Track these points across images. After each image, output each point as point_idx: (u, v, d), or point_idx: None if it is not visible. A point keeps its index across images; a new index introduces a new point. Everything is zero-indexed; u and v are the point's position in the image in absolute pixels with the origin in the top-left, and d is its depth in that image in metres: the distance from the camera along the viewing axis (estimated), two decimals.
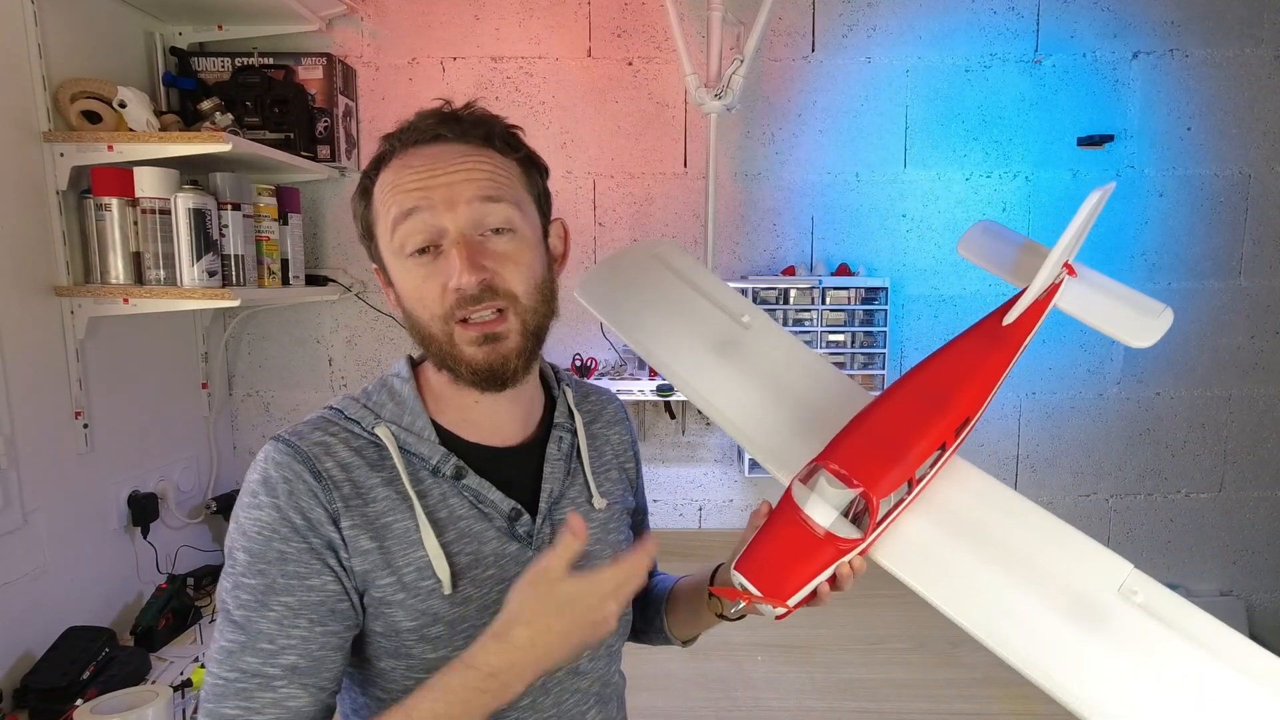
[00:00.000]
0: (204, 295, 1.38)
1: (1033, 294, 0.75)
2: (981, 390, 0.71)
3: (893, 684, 1.37)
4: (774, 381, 0.77)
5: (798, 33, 1.81)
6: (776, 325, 0.83)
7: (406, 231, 0.64)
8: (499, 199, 0.64)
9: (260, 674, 0.59)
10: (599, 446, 0.81)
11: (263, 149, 1.49)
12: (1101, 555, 0.62)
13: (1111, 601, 0.59)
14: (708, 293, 0.85)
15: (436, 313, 0.64)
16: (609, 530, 0.77)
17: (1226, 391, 1.91)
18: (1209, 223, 1.86)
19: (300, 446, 0.64)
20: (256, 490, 0.62)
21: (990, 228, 0.89)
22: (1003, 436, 1.92)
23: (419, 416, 0.69)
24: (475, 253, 0.63)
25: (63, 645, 1.28)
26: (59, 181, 1.34)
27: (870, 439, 0.65)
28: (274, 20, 1.69)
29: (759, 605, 0.62)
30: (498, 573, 0.67)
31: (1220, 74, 1.81)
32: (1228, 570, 1.96)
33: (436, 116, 0.67)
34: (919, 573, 0.63)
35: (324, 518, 0.62)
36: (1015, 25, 1.81)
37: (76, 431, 1.40)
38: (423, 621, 0.64)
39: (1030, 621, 0.59)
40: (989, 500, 0.67)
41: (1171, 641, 0.56)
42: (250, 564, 0.60)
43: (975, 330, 0.76)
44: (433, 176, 0.63)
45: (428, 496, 0.67)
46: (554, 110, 1.82)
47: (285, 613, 0.60)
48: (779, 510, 0.65)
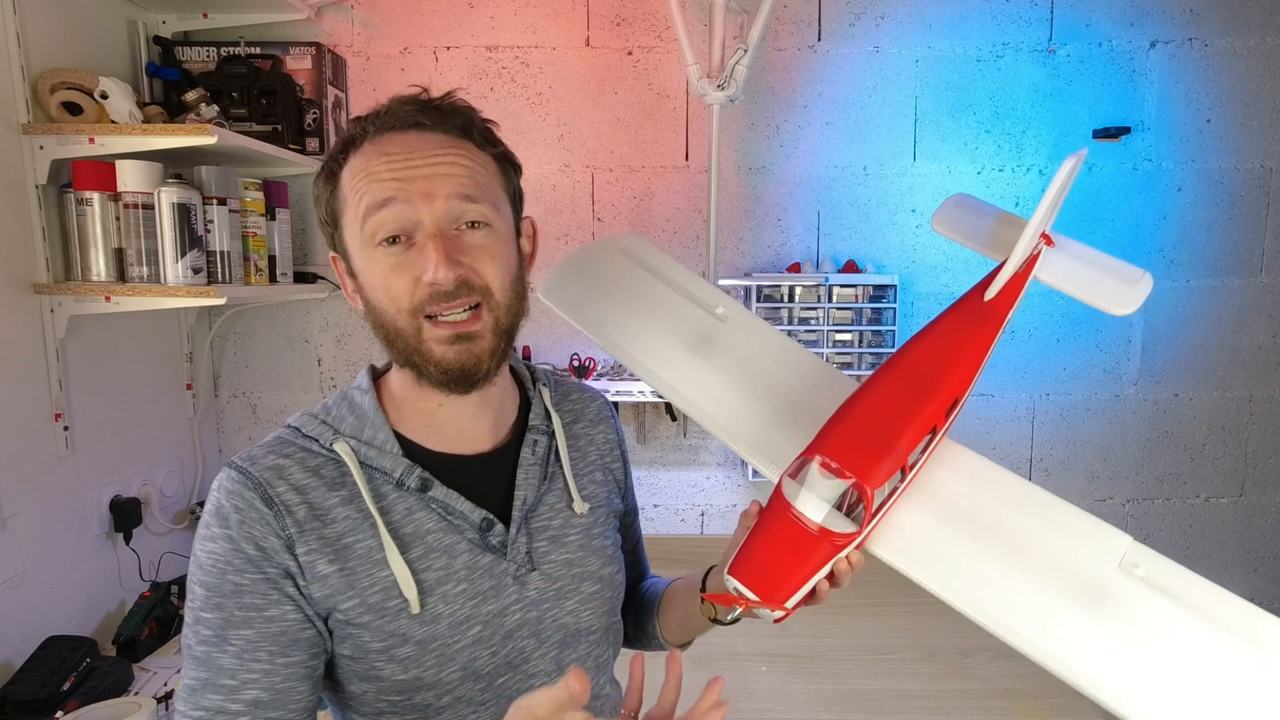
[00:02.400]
0: (188, 293, 1.35)
1: (1012, 266, 0.74)
2: (968, 370, 0.70)
3: (901, 695, 1.34)
4: (754, 373, 0.76)
5: (803, 21, 1.76)
6: (752, 314, 0.82)
7: (379, 221, 0.61)
8: (477, 198, 0.63)
9: (223, 711, 0.58)
10: (581, 448, 0.78)
11: (249, 142, 1.45)
12: (1100, 530, 0.62)
13: (1113, 577, 0.59)
14: (679, 286, 0.83)
15: (404, 307, 0.62)
16: (592, 536, 0.74)
17: (1248, 392, 1.86)
18: (1229, 218, 1.81)
19: (251, 473, 0.62)
20: (210, 521, 0.61)
21: (964, 201, 0.88)
22: (1016, 439, 1.87)
23: (380, 429, 0.66)
24: (451, 247, 0.61)
25: (42, 655, 1.25)
26: (38, 175, 1.31)
27: (859, 427, 0.64)
28: (261, 8, 1.65)
29: (756, 609, 0.60)
30: (469, 587, 0.65)
31: (1241, 64, 1.76)
32: (1249, 577, 1.92)
33: (414, 103, 0.64)
34: (918, 563, 0.62)
35: (278, 546, 0.60)
36: (1029, 13, 1.76)
37: (56, 434, 1.36)
38: (391, 643, 0.62)
39: (1034, 605, 0.58)
40: (983, 483, 0.66)
41: (1176, 613, 0.56)
42: (207, 598, 0.60)
43: (956, 308, 0.75)
44: (410, 167, 0.61)
45: (391, 512, 0.64)
46: (551, 101, 1.77)
47: (245, 646, 0.59)
48: (770, 509, 0.63)
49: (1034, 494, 0.65)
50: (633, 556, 0.88)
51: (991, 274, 0.76)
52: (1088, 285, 0.79)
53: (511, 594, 0.67)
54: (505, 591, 0.66)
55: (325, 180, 0.66)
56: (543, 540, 0.70)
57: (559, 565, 0.70)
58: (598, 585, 0.73)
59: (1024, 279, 0.77)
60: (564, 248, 1.82)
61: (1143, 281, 0.79)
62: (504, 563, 0.67)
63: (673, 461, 1.87)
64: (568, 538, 0.72)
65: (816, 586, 0.61)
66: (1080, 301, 0.79)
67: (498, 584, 0.66)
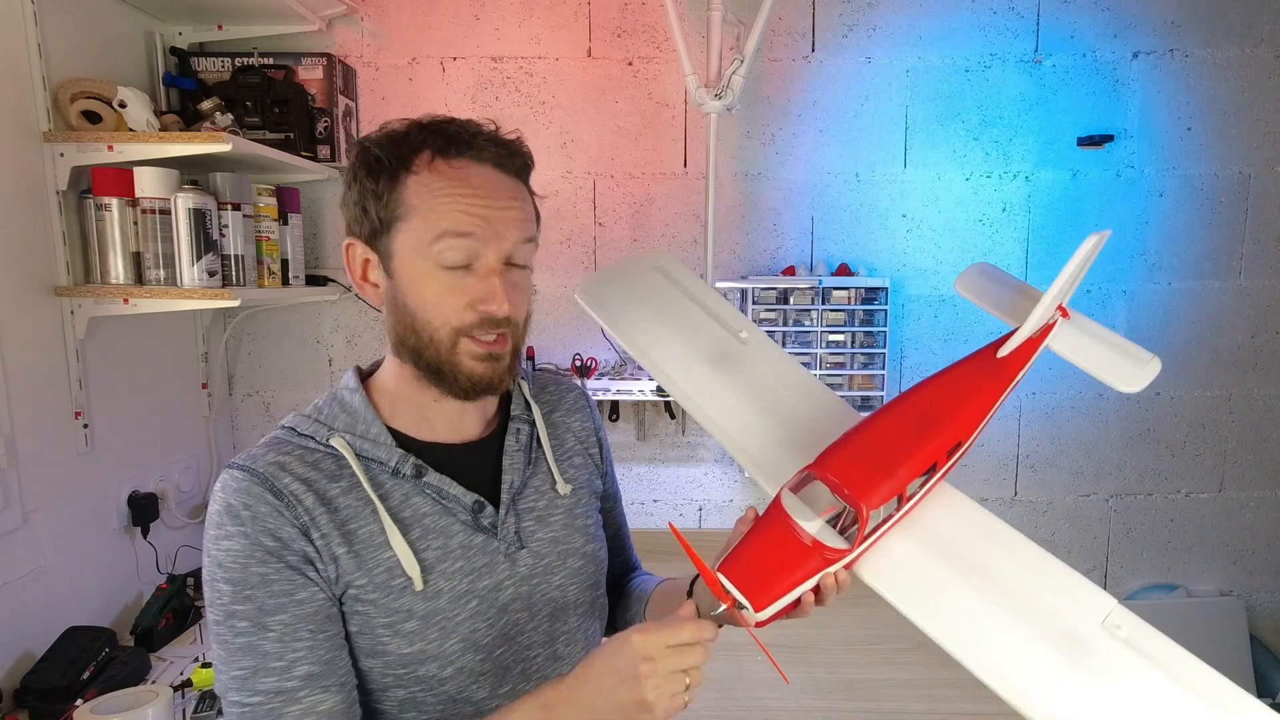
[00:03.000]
0: (204, 295, 1.38)
1: (1027, 331, 0.77)
2: (974, 416, 0.72)
3: (894, 684, 1.36)
4: (768, 396, 0.78)
5: (798, 32, 1.81)
6: (774, 344, 0.84)
7: (454, 247, 0.65)
8: (533, 240, 0.70)
9: (281, 690, 0.61)
10: (560, 434, 0.83)
11: (263, 149, 1.49)
12: (1086, 589, 0.63)
13: (1095, 635, 0.59)
14: (708, 307, 0.86)
15: (452, 323, 0.67)
16: (575, 515, 0.79)
17: (1227, 391, 1.91)
18: (1209, 223, 1.85)
19: (255, 469, 0.65)
20: (221, 521, 0.63)
21: (986, 269, 0.92)
22: (1003, 436, 1.92)
23: (373, 424, 0.70)
24: (507, 285, 0.67)
25: (63, 645, 1.28)
26: (59, 182, 1.34)
27: (863, 451, 0.65)
28: (274, 20, 1.69)
29: (735, 614, 0.61)
30: (465, 564, 0.69)
31: (1220, 74, 1.81)
32: (1228, 570, 1.96)
33: (494, 142, 0.69)
34: (903, 592, 0.63)
35: (295, 534, 0.63)
36: (1015, 25, 1.81)
37: (76, 431, 1.40)
38: (396, 618, 0.66)
39: (1014, 649, 0.59)
40: (977, 528, 0.67)
41: (1153, 677, 0.57)
42: (235, 593, 0.61)
43: (971, 359, 0.78)
44: (492, 208, 0.66)
45: (390, 498, 0.68)
46: (554, 110, 1.82)
47: (284, 630, 0.61)
48: (767, 516, 0.65)
49: (1027, 546, 0.66)
50: (616, 543, 0.91)
51: (1007, 335, 0.79)
52: (1100, 362, 0.81)
53: (504, 570, 0.71)
54: (498, 568, 0.71)
55: (381, 178, 0.66)
56: (529, 520, 0.75)
57: (545, 543, 0.75)
58: (582, 561, 0.78)
59: (1037, 344, 0.80)
60: (566, 251, 1.86)
61: (1151, 364, 0.81)
62: (495, 542, 0.71)
63: (671, 458, 1.91)
64: (552, 517, 0.76)
65: (802, 599, 0.62)
66: (1092, 377, 0.81)
67: (491, 561, 0.71)
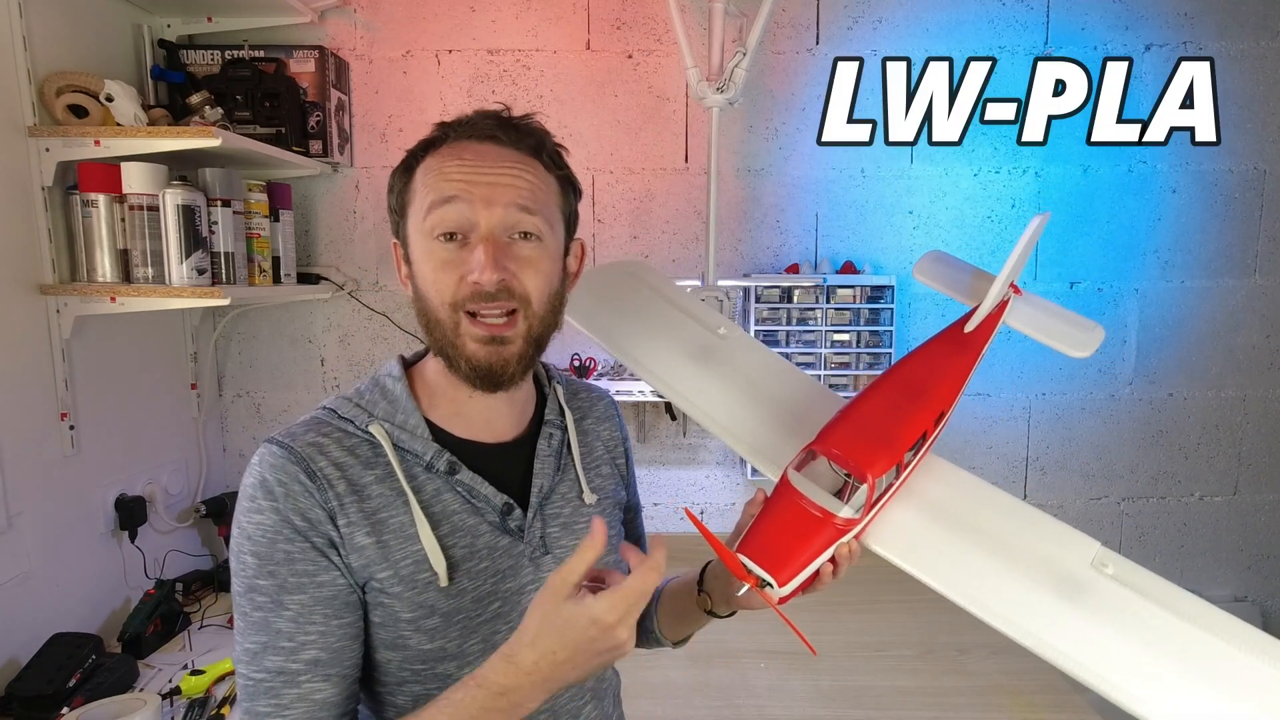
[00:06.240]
0: (193, 294, 1.36)
1: (987, 307, 0.86)
2: (953, 386, 0.79)
3: (899, 691, 1.34)
4: (752, 385, 0.84)
5: (801, 25, 1.78)
6: (750, 336, 0.91)
7: (440, 216, 0.66)
8: (534, 211, 0.67)
9: (284, 671, 0.61)
10: (589, 442, 0.83)
11: (253, 144, 1.46)
12: (1072, 535, 0.69)
13: (1086, 574, 0.66)
14: (683, 307, 0.91)
15: (447, 300, 0.66)
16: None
17: (1241, 392, 1.88)
18: (1223, 219, 1.82)
19: (294, 448, 0.65)
20: (255, 494, 0.64)
21: (941, 256, 1.03)
22: (1012, 438, 1.89)
23: (412, 414, 0.70)
24: (500, 252, 0.65)
25: (48, 652, 1.26)
26: (44, 177, 1.32)
27: (860, 426, 0.71)
28: (265, 12, 1.66)
29: (757, 594, 0.63)
30: (490, 565, 0.69)
31: (1234, 67, 1.78)
32: (1242, 575, 1.93)
33: (495, 118, 0.69)
34: (911, 556, 0.68)
35: (322, 517, 0.64)
36: (1025, 17, 1.78)
37: (62, 433, 1.37)
38: (420, 614, 0.66)
39: (1018, 594, 0.65)
40: (966, 490, 0.74)
41: (1144, 606, 0.64)
42: (260, 566, 0.62)
43: (941, 336, 0.86)
44: (478, 173, 0.66)
45: (422, 492, 0.68)
46: (552, 104, 1.79)
47: (300, 610, 0.62)
48: (776, 496, 0.68)
49: (1012, 502, 0.73)
50: None
51: (970, 312, 0.88)
52: (1052, 332, 0.92)
53: (528, 574, 0.71)
54: (522, 572, 0.70)
55: (401, 173, 0.71)
56: (555, 526, 0.74)
57: (569, 551, 0.73)
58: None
59: (997, 319, 0.90)
60: None
61: (1095, 331, 0.93)
62: (520, 545, 0.71)
63: (672, 460, 1.88)
64: (577, 525, 0.75)
65: (819, 570, 0.66)
66: (1045, 345, 0.92)
67: (515, 564, 0.70)
